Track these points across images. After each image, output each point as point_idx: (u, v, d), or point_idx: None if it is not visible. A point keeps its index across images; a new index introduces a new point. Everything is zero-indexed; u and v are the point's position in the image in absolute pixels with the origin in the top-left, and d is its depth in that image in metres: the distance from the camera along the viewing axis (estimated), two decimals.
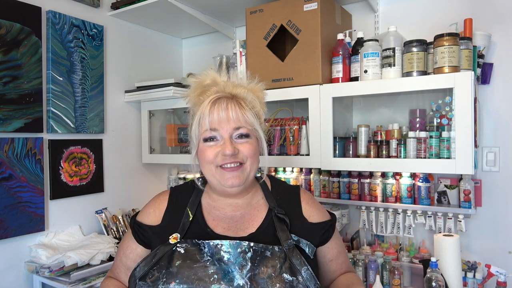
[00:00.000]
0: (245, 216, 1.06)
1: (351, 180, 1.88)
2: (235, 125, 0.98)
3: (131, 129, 2.38)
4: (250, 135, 1.00)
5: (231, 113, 0.98)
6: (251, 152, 1.00)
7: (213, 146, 0.99)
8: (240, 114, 0.99)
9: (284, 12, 1.78)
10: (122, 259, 1.12)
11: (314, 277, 0.94)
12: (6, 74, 1.72)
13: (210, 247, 0.96)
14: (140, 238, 1.09)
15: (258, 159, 1.03)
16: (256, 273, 0.92)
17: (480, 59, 1.66)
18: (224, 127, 0.98)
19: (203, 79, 1.05)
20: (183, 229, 1.03)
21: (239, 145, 0.99)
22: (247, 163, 1.00)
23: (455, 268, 1.49)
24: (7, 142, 1.73)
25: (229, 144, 0.97)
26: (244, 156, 0.99)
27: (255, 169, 1.03)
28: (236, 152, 0.98)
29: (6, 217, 1.71)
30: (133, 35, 2.40)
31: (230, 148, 0.96)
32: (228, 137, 0.98)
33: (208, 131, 0.98)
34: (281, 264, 0.93)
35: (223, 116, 0.97)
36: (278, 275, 0.91)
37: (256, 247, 0.96)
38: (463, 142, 1.41)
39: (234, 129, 0.98)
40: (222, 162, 0.98)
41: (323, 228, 1.07)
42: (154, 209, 1.11)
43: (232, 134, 0.99)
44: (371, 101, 1.96)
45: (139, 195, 2.41)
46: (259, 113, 1.05)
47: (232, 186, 0.99)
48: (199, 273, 0.92)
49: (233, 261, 0.94)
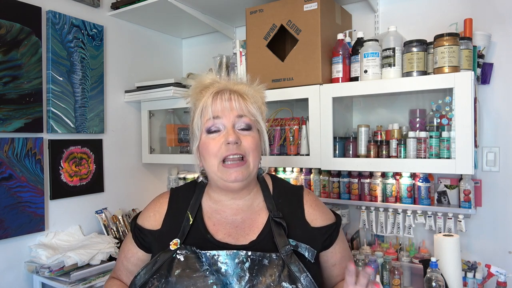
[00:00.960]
0: (246, 221, 1.03)
1: (351, 180, 1.88)
2: (238, 113, 0.98)
3: (131, 129, 2.38)
4: (252, 128, 1.00)
5: (234, 103, 0.98)
6: (253, 145, 0.99)
7: (216, 138, 0.98)
8: (243, 104, 0.99)
9: (284, 12, 1.78)
10: (124, 262, 1.12)
11: (313, 284, 0.92)
12: (6, 74, 1.72)
13: (207, 257, 0.95)
14: (141, 242, 1.08)
15: (259, 155, 1.03)
16: (255, 284, 0.90)
17: (480, 59, 1.66)
18: (227, 115, 0.98)
19: (203, 79, 1.05)
20: (183, 233, 1.01)
21: (241, 136, 0.98)
22: (250, 158, 0.98)
23: (455, 268, 1.49)
24: (7, 142, 1.73)
25: (232, 132, 0.96)
26: (246, 149, 0.98)
27: (257, 165, 1.02)
28: (239, 142, 0.97)
29: (6, 217, 1.71)
30: (133, 35, 2.40)
31: (233, 136, 0.96)
32: (231, 126, 0.98)
33: (211, 119, 0.98)
34: (279, 273, 0.91)
35: (226, 105, 0.97)
36: (277, 285, 0.89)
37: (253, 256, 0.94)
38: (463, 142, 1.41)
39: (237, 117, 0.98)
40: (226, 153, 0.96)
41: (326, 232, 1.04)
42: (154, 213, 1.09)
43: (235, 123, 0.98)
44: (371, 101, 1.96)
45: (139, 195, 2.41)
46: (261, 108, 1.05)
47: (235, 181, 0.97)
48: (198, 283, 0.90)
49: (231, 272, 0.92)
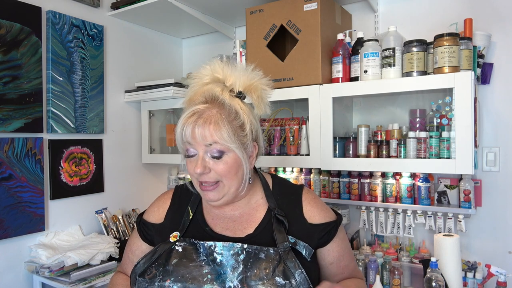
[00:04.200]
0: (243, 216, 1.06)
1: (351, 180, 1.88)
2: (208, 142, 0.96)
3: (131, 129, 2.38)
4: (226, 153, 0.97)
5: (205, 131, 0.95)
6: (224, 171, 0.97)
7: (193, 161, 0.99)
8: (215, 132, 0.95)
9: (284, 12, 1.78)
10: (129, 256, 1.16)
11: (308, 281, 0.93)
12: (6, 74, 1.72)
13: (205, 248, 0.98)
14: (145, 235, 1.13)
15: (238, 174, 0.99)
16: (248, 276, 0.93)
17: (480, 59, 1.66)
18: (199, 143, 0.96)
19: (201, 75, 1.07)
20: (183, 227, 1.05)
21: (212, 164, 0.97)
22: (224, 181, 0.99)
23: (455, 268, 1.49)
24: (7, 142, 1.73)
25: (200, 163, 0.96)
26: (218, 175, 0.98)
27: (236, 185, 1.00)
28: (207, 171, 0.97)
29: (6, 217, 1.72)
30: (133, 35, 2.40)
31: (200, 167, 0.96)
32: (202, 154, 0.97)
33: (186, 143, 0.99)
34: (274, 267, 0.93)
35: (198, 132, 0.95)
36: (270, 278, 0.91)
37: (249, 249, 0.96)
38: (463, 142, 1.41)
39: (207, 146, 0.96)
40: (200, 179, 0.99)
41: (324, 229, 1.05)
42: (158, 208, 1.14)
43: (206, 150, 0.97)
44: (371, 101, 1.96)
45: (139, 195, 2.41)
46: (243, 125, 1.00)
47: (212, 200, 1.00)
48: (193, 272, 0.95)
49: (225, 263, 0.96)
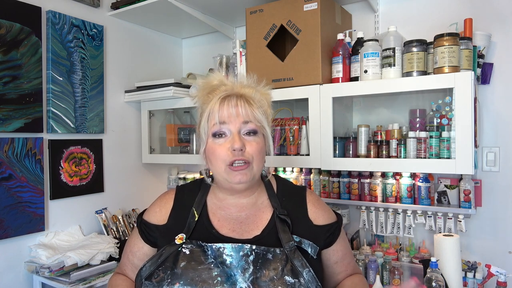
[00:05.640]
0: (250, 217, 1.06)
1: (351, 180, 1.88)
2: (244, 119, 1.00)
3: (131, 129, 2.38)
4: (258, 133, 1.02)
5: (241, 109, 1.00)
6: (256, 151, 1.01)
7: (222, 144, 1.00)
8: (249, 111, 1.00)
9: (284, 12, 1.78)
10: (129, 257, 1.14)
11: (315, 278, 0.95)
12: (6, 74, 1.72)
13: (213, 250, 0.97)
14: (147, 237, 1.11)
15: (263, 158, 1.05)
16: (258, 276, 0.93)
17: (480, 59, 1.66)
18: (233, 121, 0.99)
19: (211, 80, 1.07)
20: (189, 229, 1.04)
21: (246, 142, 1.00)
22: (253, 163, 1.01)
23: (455, 268, 1.49)
24: (7, 142, 1.73)
25: (238, 139, 0.98)
26: (250, 155, 1.00)
27: (261, 168, 1.05)
28: (244, 148, 0.99)
29: (6, 217, 1.71)
30: (133, 35, 2.40)
31: (239, 142, 0.98)
32: (237, 132, 1.00)
33: (217, 124, 1.00)
34: (282, 267, 0.94)
35: (233, 111, 0.99)
36: (280, 278, 0.92)
37: (258, 250, 0.97)
38: (463, 142, 1.41)
39: (243, 123, 1.00)
40: (232, 158, 0.99)
41: (328, 230, 1.07)
42: (160, 208, 1.12)
43: (241, 129, 1.00)
44: (371, 101, 1.96)
45: (139, 195, 2.41)
46: (267, 112, 1.07)
47: (240, 183, 1.00)
48: (203, 275, 0.93)
49: (236, 264, 0.95)
